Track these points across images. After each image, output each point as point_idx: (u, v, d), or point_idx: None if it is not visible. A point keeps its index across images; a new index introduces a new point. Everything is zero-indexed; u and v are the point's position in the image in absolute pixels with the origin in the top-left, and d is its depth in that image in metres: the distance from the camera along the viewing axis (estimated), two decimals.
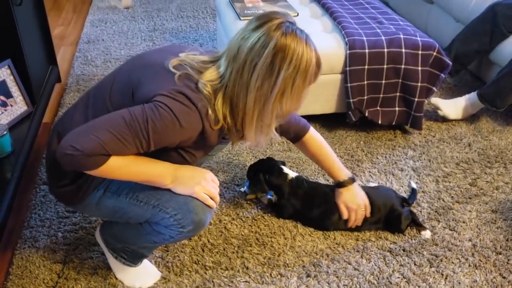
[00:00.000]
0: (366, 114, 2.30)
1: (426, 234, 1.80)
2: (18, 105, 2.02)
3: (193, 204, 1.32)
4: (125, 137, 1.20)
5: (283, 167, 1.84)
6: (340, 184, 1.76)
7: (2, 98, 1.96)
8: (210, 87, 1.27)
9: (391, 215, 1.79)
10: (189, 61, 1.30)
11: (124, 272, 1.58)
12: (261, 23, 1.24)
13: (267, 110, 1.28)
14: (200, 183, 1.32)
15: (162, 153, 1.29)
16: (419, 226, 1.82)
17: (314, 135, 1.78)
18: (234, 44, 1.27)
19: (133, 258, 1.55)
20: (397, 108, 2.32)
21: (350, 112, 2.27)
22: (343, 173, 1.77)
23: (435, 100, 2.45)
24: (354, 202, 1.75)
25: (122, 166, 1.24)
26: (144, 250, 1.54)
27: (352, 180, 1.77)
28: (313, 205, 1.80)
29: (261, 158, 1.94)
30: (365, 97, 2.27)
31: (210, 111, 1.27)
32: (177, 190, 1.32)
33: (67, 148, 1.17)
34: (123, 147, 1.20)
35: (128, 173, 1.27)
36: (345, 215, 1.76)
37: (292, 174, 1.83)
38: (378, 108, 2.32)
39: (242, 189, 1.91)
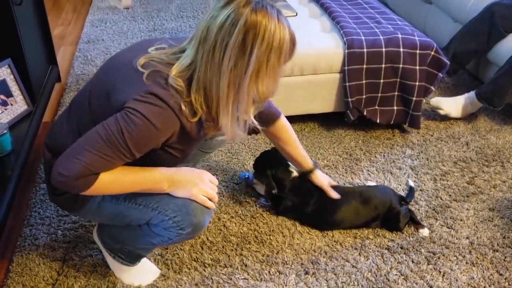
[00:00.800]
0: (365, 113, 2.31)
1: (424, 232, 1.81)
2: (18, 104, 2.03)
3: (192, 207, 1.31)
4: (106, 153, 1.18)
5: (290, 164, 1.85)
6: (310, 171, 1.80)
7: (2, 97, 1.97)
8: (181, 79, 1.21)
9: (389, 214, 1.80)
10: (158, 56, 1.25)
11: (122, 271, 1.59)
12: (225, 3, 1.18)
13: (242, 93, 1.21)
14: (198, 185, 1.31)
15: (150, 154, 1.26)
16: (417, 224, 1.83)
17: (285, 122, 1.73)
18: (202, 24, 1.20)
19: (130, 258, 1.56)
20: (395, 107, 2.33)
21: (348, 111, 2.29)
22: (310, 161, 1.81)
23: (435, 100, 2.46)
24: (329, 180, 1.83)
25: (114, 181, 1.23)
26: (141, 251, 1.54)
27: (316, 166, 1.83)
28: (310, 203, 1.81)
29: (264, 150, 1.95)
30: (364, 96, 2.28)
31: (183, 106, 1.21)
32: (176, 194, 1.32)
33: (57, 175, 1.19)
34: (108, 162, 1.19)
35: (122, 186, 1.26)
36: (335, 195, 1.79)
37: (296, 172, 1.84)
38: (377, 107, 2.33)
39: (243, 176, 1.92)
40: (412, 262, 1.70)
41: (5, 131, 1.81)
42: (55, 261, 1.65)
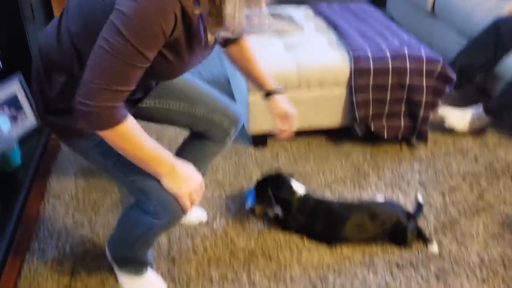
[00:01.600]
0: (372, 128, 2.31)
1: (433, 248, 1.80)
2: (28, 119, 2.05)
3: (173, 205, 1.29)
4: (118, 65, 1.07)
5: (292, 184, 1.85)
6: (272, 92, 1.58)
7: (13, 112, 1.99)
8: None
9: (397, 229, 1.79)
10: None
11: (131, 284, 1.59)
12: None
13: None
14: (189, 187, 1.26)
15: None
16: (426, 240, 1.82)
17: (248, 41, 1.56)
18: None
19: (137, 266, 1.57)
20: (402, 122, 2.33)
21: (356, 126, 2.29)
22: (274, 83, 1.60)
23: (442, 110, 2.45)
24: (289, 107, 1.58)
25: (134, 136, 1.16)
26: (142, 257, 1.54)
27: (281, 91, 1.61)
28: (317, 221, 1.80)
29: (269, 173, 1.95)
30: (371, 111, 2.28)
31: None
32: (166, 183, 1.25)
33: (79, 104, 1.10)
34: (125, 76, 1.09)
35: (136, 145, 1.18)
36: (280, 122, 1.60)
37: (300, 191, 1.83)
38: (384, 122, 2.33)
39: (247, 206, 1.90)
40: (422, 278, 1.68)
41: (14, 146, 1.82)
42: (63, 275, 1.64)
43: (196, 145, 1.69)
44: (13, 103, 2.00)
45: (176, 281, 1.64)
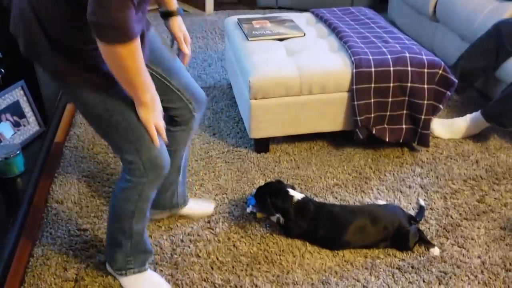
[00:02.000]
0: (374, 132, 2.31)
1: (435, 251, 1.80)
2: (31, 125, 2.07)
3: (159, 161, 1.40)
4: None
5: (289, 190, 1.85)
6: (171, 13, 1.61)
7: (15, 118, 2.01)
8: None
9: (399, 233, 1.79)
10: None
11: (137, 284, 1.60)
12: None
13: None
14: (157, 119, 1.37)
15: None
16: (428, 244, 1.82)
17: None
18: None
19: (139, 261, 1.59)
20: (404, 126, 2.34)
21: (357, 130, 2.29)
22: (176, 5, 1.62)
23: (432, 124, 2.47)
24: (185, 32, 1.64)
25: (139, 56, 1.20)
26: (139, 245, 1.56)
27: (180, 13, 1.64)
28: (319, 226, 1.81)
29: (270, 180, 1.96)
30: (372, 115, 2.29)
31: None
32: (143, 112, 1.33)
33: (95, 14, 1.10)
34: None
35: (136, 66, 1.21)
36: (183, 43, 1.63)
37: (298, 196, 1.84)
38: (385, 125, 2.34)
39: (248, 210, 1.91)
40: (423, 281, 1.68)
41: (17, 152, 1.84)
42: (66, 281, 1.65)
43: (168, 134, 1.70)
44: (15, 110, 2.01)
45: (180, 285, 1.65)
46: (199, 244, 1.82)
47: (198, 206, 1.95)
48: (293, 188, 1.89)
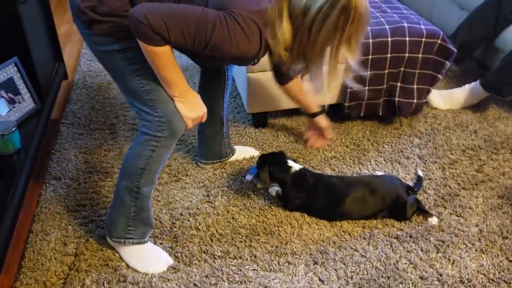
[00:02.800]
0: (363, 110, 2.31)
1: (433, 220, 1.81)
2: (26, 102, 2.05)
3: (175, 118, 1.46)
4: (188, 31, 1.29)
5: (288, 160, 1.85)
6: (316, 114, 2.06)
7: (10, 95, 1.99)
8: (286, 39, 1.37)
9: (397, 203, 1.80)
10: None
11: (136, 258, 1.61)
12: None
13: (331, 59, 1.41)
14: (194, 113, 1.49)
15: None
16: (426, 213, 1.83)
17: (299, 77, 1.92)
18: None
19: (139, 233, 1.60)
20: (396, 98, 2.31)
21: (348, 110, 2.28)
22: (317, 106, 2.06)
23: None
24: (325, 123, 2.06)
25: (168, 57, 1.36)
26: (142, 212, 1.58)
27: (324, 111, 2.08)
28: (317, 197, 1.81)
29: (271, 152, 1.96)
30: (366, 88, 2.26)
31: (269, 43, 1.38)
32: (178, 104, 1.47)
33: (140, 15, 1.26)
34: (183, 41, 1.31)
35: (172, 63, 1.38)
36: (312, 140, 2.10)
37: (296, 167, 1.84)
38: (381, 99, 2.31)
39: (248, 178, 1.92)
40: (421, 250, 1.69)
41: (13, 129, 1.83)
42: (66, 256, 1.66)
43: (205, 86, 1.94)
44: (10, 87, 1.99)
45: (179, 258, 1.66)
46: (198, 218, 1.82)
47: (244, 152, 2.16)
48: (294, 161, 1.89)
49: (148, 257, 1.62)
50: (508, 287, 1.57)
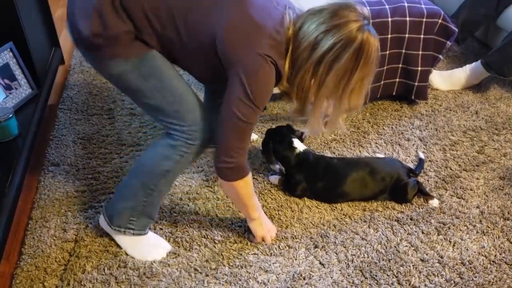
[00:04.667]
0: (367, 101, 2.28)
1: (434, 202, 1.80)
2: (23, 88, 2.03)
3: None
4: (250, 128, 1.38)
5: (294, 140, 1.84)
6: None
7: (6, 81, 1.97)
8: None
9: (397, 185, 1.79)
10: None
11: (135, 247, 1.61)
12: (338, 24, 1.29)
13: (337, 105, 1.39)
14: (265, 233, 1.63)
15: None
16: (426, 196, 1.82)
17: None
18: (309, 36, 1.31)
19: (141, 225, 1.58)
20: (397, 79, 2.29)
21: None
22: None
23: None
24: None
25: (251, 184, 1.49)
26: (151, 207, 1.56)
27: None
28: (318, 177, 1.80)
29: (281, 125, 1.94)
30: None
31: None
32: (252, 225, 1.60)
33: (221, 162, 1.39)
34: (250, 134, 1.41)
35: (249, 192, 1.51)
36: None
37: (300, 147, 1.83)
38: (382, 82, 2.28)
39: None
40: (422, 233, 1.69)
41: (10, 115, 1.81)
42: (66, 242, 1.66)
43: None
44: (6, 73, 1.97)
45: (180, 243, 1.65)
46: (198, 202, 1.82)
47: None
48: (301, 136, 1.89)
49: (146, 246, 1.61)
50: (509, 268, 1.57)
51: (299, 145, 1.83)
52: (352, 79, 1.31)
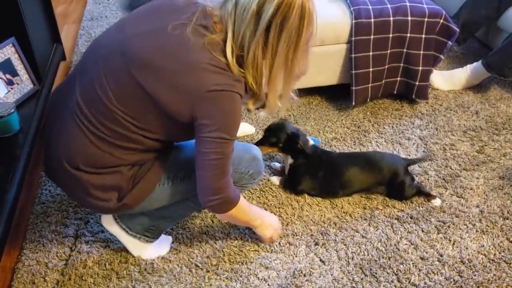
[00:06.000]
0: (369, 95, 2.28)
1: (436, 202, 1.81)
2: (24, 83, 2.03)
3: (258, 158, 1.51)
4: (228, 161, 1.31)
5: (308, 138, 1.85)
6: None
7: (8, 76, 1.97)
8: (236, 65, 1.25)
9: (394, 181, 1.78)
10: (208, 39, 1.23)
11: (144, 248, 1.60)
12: None
13: (292, 71, 1.29)
14: (272, 232, 1.59)
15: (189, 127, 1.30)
16: (428, 196, 1.82)
17: None
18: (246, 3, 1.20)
19: (156, 234, 1.58)
20: (398, 78, 2.30)
21: (353, 96, 2.25)
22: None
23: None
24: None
25: (245, 205, 1.45)
26: (174, 221, 1.61)
27: None
28: (320, 168, 1.81)
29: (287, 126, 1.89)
30: (371, 69, 2.24)
31: (241, 85, 1.27)
32: (258, 231, 1.58)
33: (208, 202, 1.34)
34: (229, 159, 1.32)
35: (245, 211, 1.46)
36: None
37: (311, 141, 1.86)
38: (383, 81, 2.29)
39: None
40: (422, 231, 1.70)
41: (12, 110, 1.81)
42: (67, 237, 1.67)
43: None
44: (7, 68, 1.97)
45: (181, 240, 1.66)
46: None
47: (241, 129, 2.10)
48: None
49: (149, 248, 1.61)
50: (509, 267, 1.58)
51: (309, 138, 1.85)
52: (300, 40, 1.23)
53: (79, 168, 1.33)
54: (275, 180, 1.91)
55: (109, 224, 1.59)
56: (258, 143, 1.84)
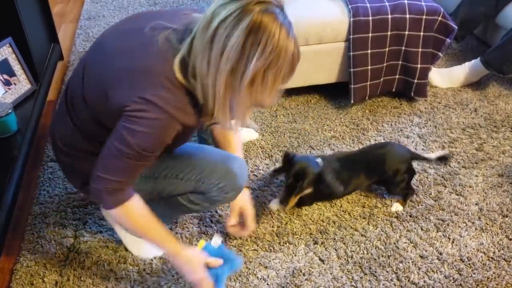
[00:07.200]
0: (368, 93, 2.27)
1: (393, 207, 1.77)
2: (22, 84, 2.02)
3: (233, 172, 1.39)
4: (127, 167, 1.19)
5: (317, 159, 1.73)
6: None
7: (5, 76, 1.96)
8: (183, 78, 1.14)
9: (394, 178, 1.76)
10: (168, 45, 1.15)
11: (140, 247, 1.60)
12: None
13: (239, 97, 1.12)
14: (193, 271, 1.31)
15: None
16: (404, 200, 1.79)
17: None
18: (207, 12, 1.09)
19: None
20: (397, 76, 2.29)
21: (352, 93, 2.24)
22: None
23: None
24: (249, 204, 1.59)
25: (140, 214, 1.26)
26: (171, 219, 1.60)
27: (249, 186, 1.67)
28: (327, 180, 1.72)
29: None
30: (369, 68, 2.23)
31: (184, 99, 1.16)
32: (173, 261, 1.35)
33: (92, 184, 1.22)
34: (132, 172, 1.21)
35: (142, 222, 1.27)
36: (233, 221, 1.59)
37: (320, 162, 1.72)
38: (382, 79, 2.29)
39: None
40: (421, 229, 1.70)
41: (10, 111, 1.80)
42: (66, 238, 1.66)
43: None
44: (5, 68, 1.96)
45: (179, 239, 1.66)
46: None
47: (244, 136, 2.07)
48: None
49: (148, 246, 1.60)
50: (508, 265, 1.58)
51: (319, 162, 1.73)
52: (249, 66, 1.05)
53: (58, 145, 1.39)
54: (274, 206, 1.79)
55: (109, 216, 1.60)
56: (288, 194, 1.66)
